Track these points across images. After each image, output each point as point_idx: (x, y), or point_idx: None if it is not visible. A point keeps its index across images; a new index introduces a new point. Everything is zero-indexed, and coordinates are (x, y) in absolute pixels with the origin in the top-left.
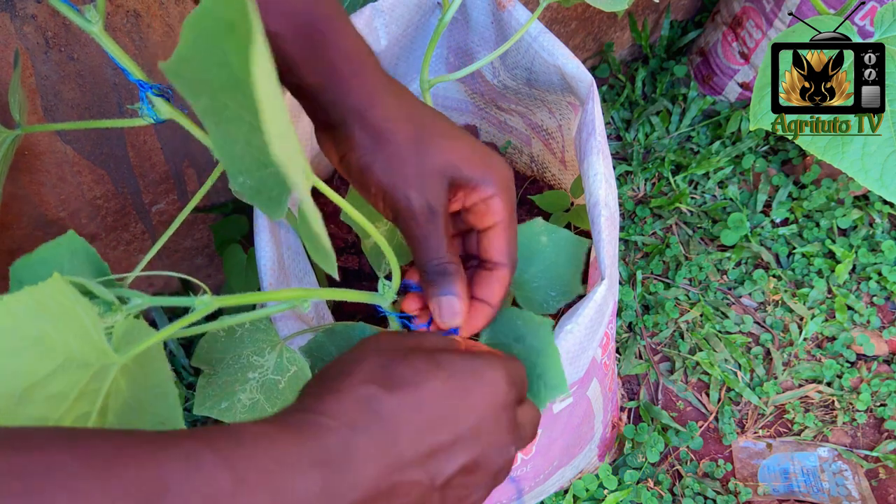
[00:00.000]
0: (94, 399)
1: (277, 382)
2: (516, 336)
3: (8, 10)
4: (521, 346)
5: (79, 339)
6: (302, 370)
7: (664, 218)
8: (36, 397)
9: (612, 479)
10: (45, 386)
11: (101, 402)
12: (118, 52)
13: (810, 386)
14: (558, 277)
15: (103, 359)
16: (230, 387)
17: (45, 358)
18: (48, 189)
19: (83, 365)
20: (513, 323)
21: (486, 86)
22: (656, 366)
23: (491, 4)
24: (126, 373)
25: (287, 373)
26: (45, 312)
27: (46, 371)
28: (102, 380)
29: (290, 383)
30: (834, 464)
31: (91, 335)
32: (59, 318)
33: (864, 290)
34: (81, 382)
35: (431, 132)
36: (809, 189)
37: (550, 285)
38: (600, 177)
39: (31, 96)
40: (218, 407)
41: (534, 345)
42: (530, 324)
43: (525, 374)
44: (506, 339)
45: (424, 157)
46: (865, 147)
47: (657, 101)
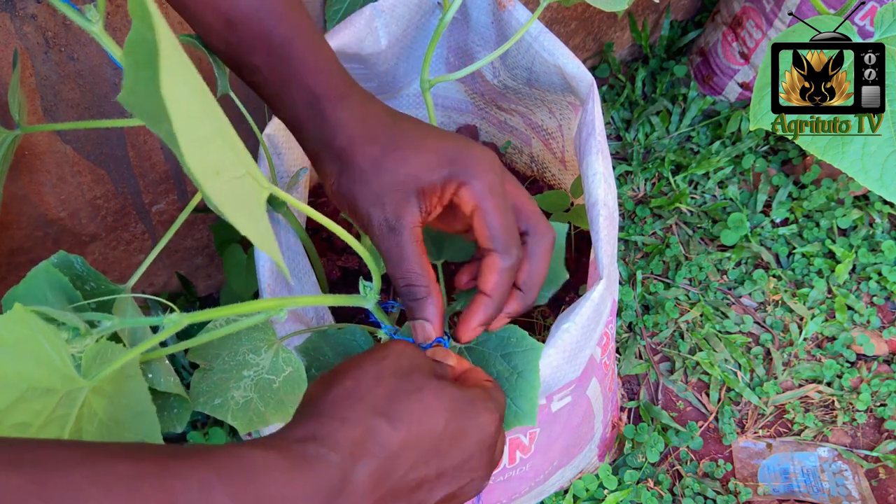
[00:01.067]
0: (64, 424)
1: (272, 382)
2: (504, 352)
3: (8, 10)
4: (506, 364)
5: (41, 367)
6: (297, 372)
7: (664, 218)
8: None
9: (612, 479)
10: (6, 416)
11: (73, 425)
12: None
13: (810, 386)
14: None
15: (69, 384)
16: (224, 383)
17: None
18: (48, 189)
19: (47, 392)
20: (505, 339)
21: (487, 86)
22: (656, 366)
23: (491, 4)
24: (100, 394)
25: (282, 373)
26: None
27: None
28: (71, 405)
29: (285, 384)
30: (834, 464)
31: (54, 362)
32: (17, 349)
33: (864, 290)
34: (47, 410)
35: (396, 146)
36: (809, 189)
37: None
38: (600, 176)
39: (31, 96)
40: (211, 403)
41: (518, 366)
42: (522, 344)
43: (505, 401)
44: (493, 353)
45: (384, 175)
46: (865, 147)
47: (657, 101)
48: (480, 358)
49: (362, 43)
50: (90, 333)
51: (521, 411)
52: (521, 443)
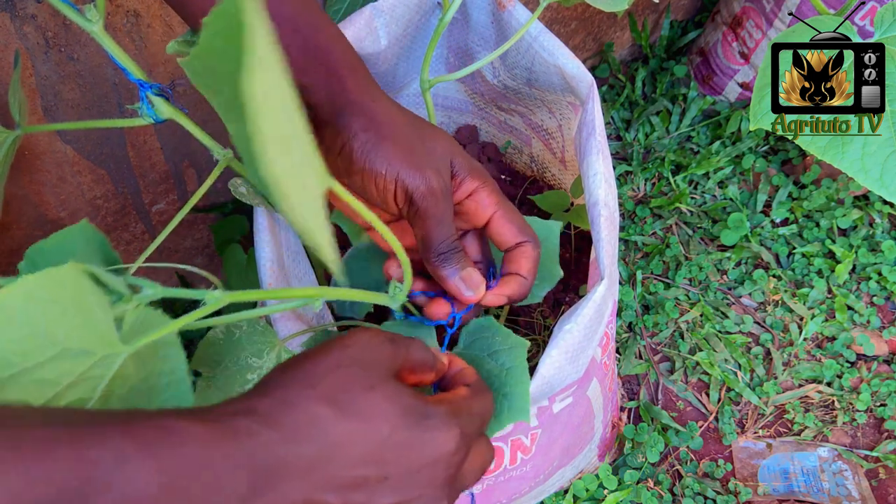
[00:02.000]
0: (96, 385)
1: None
2: (491, 352)
3: (8, 10)
4: (494, 362)
5: (86, 329)
6: None
7: (664, 218)
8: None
9: (612, 479)
10: (33, 372)
11: (105, 388)
12: (118, 51)
13: (810, 386)
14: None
15: (109, 349)
16: (229, 388)
17: (42, 348)
18: (48, 189)
19: (84, 353)
20: (491, 338)
21: (486, 86)
22: (656, 366)
23: (491, 4)
24: (136, 359)
25: None
26: (55, 301)
27: (40, 360)
28: (107, 368)
29: None
30: (834, 464)
31: (99, 325)
32: (68, 308)
33: (864, 290)
34: (79, 370)
35: (424, 124)
36: (809, 189)
37: None
38: (600, 176)
39: (31, 96)
40: None
41: (506, 363)
42: (506, 342)
43: (491, 408)
44: (481, 354)
45: (427, 142)
46: (865, 147)
47: (657, 101)
48: (469, 361)
49: (362, 43)
50: (131, 299)
51: (515, 407)
52: (522, 443)
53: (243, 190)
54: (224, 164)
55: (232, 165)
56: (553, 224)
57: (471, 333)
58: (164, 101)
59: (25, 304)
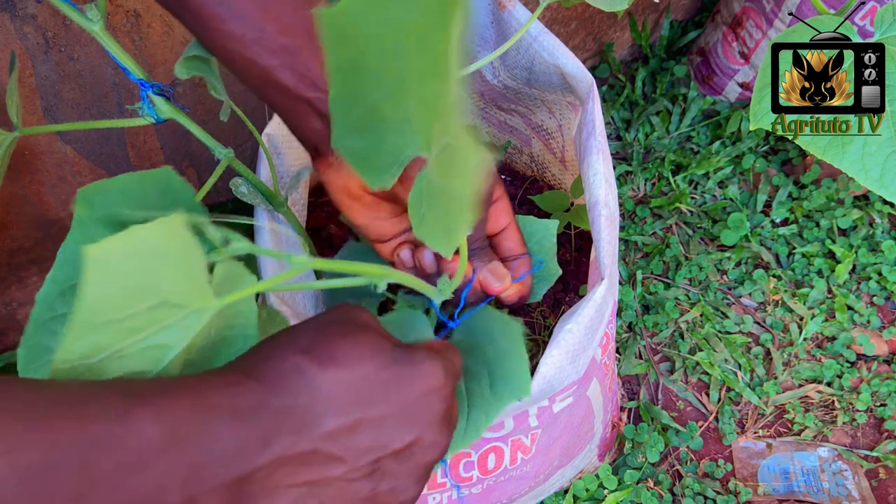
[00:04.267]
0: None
1: None
2: (489, 338)
3: (8, 10)
4: (493, 347)
5: (188, 282)
6: None
7: (664, 218)
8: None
9: (612, 479)
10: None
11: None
12: (119, 51)
13: (810, 386)
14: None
15: (202, 302)
16: None
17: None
18: (48, 189)
19: (177, 307)
20: (487, 324)
21: (486, 86)
22: (656, 366)
23: (491, 4)
24: (219, 312)
25: None
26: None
27: (138, 309)
28: (198, 319)
29: None
30: (834, 464)
31: (199, 278)
32: (177, 260)
33: (864, 290)
34: (169, 320)
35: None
36: (809, 189)
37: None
38: (600, 177)
39: (31, 96)
40: None
41: (502, 344)
42: (500, 324)
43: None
44: (481, 340)
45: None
46: (865, 147)
47: (657, 101)
48: (467, 346)
49: None
50: (223, 252)
51: (515, 384)
52: (522, 443)
53: (244, 189)
54: (226, 164)
55: (233, 165)
56: (550, 223)
57: (465, 321)
58: (164, 100)
59: (135, 255)
